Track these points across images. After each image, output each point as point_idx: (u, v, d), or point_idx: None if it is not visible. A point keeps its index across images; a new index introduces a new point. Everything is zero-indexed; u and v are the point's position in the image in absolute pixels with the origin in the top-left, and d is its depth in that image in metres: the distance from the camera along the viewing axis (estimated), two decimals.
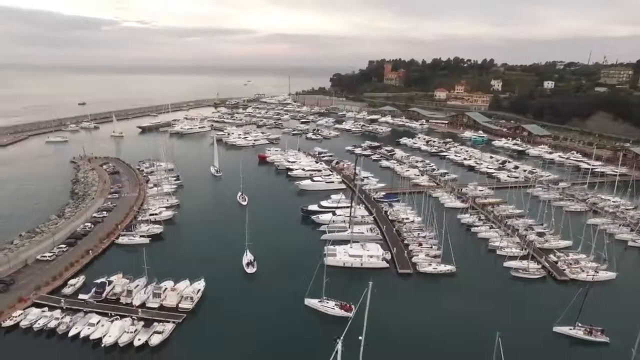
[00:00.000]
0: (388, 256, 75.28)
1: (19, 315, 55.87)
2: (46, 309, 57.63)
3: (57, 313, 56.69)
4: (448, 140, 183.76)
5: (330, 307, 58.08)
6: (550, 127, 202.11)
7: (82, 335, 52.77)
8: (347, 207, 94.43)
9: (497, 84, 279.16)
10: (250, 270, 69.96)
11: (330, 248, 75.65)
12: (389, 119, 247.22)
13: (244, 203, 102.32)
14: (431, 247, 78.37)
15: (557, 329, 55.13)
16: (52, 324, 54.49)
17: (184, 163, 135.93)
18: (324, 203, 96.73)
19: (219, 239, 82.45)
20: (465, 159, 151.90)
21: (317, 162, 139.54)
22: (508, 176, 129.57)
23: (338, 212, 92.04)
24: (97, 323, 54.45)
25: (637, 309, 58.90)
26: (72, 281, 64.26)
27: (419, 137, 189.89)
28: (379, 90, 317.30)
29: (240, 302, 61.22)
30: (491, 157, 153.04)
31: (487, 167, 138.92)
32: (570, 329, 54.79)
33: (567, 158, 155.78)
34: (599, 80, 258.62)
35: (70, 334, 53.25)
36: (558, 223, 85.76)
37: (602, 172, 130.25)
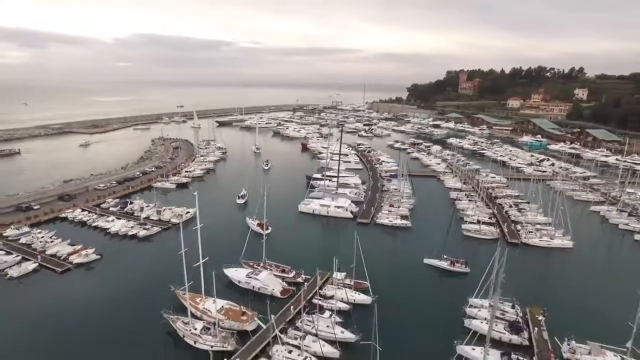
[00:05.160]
0: (355, 209, 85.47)
1: (69, 212, 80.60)
2: (86, 212, 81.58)
3: (91, 214, 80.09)
4: (495, 141, 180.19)
5: (254, 224, 72.66)
6: (632, 135, 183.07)
7: (99, 226, 75.05)
8: (346, 176, 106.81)
9: (581, 93, 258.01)
10: (240, 201, 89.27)
11: (308, 199, 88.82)
12: (451, 124, 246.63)
13: (266, 168, 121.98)
14: (399, 208, 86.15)
15: (427, 260, 62.73)
16: (85, 219, 77.85)
17: (237, 145, 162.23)
18: (326, 173, 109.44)
19: (229, 186, 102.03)
20: (501, 155, 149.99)
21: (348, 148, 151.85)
22: (534, 170, 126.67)
23: (334, 179, 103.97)
24: (111, 221, 76.22)
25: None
26: (109, 200, 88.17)
27: (467, 138, 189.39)
28: (451, 99, 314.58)
29: (214, 221, 78.04)
30: (532, 156, 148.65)
31: (518, 163, 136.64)
32: (438, 261, 61.87)
33: (623, 161, 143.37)
34: None
35: (93, 225, 75.90)
36: (553, 205, 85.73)
37: None
